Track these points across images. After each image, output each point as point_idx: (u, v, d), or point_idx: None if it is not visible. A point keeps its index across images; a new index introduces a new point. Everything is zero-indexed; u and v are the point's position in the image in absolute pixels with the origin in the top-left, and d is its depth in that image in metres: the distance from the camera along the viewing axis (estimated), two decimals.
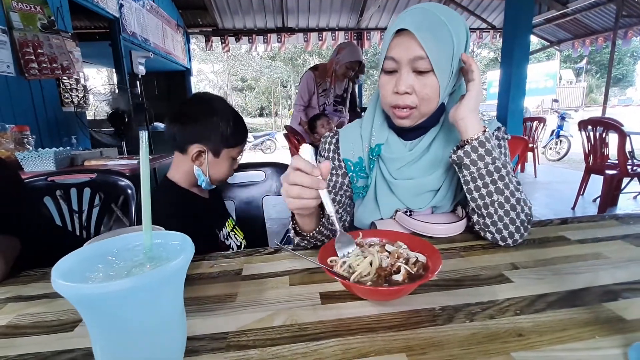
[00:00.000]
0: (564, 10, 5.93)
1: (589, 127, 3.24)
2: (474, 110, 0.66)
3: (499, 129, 0.80)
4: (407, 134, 0.80)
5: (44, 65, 2.45)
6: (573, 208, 3.47)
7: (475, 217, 0.71)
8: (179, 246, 0.32)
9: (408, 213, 0.83)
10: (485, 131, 0.66)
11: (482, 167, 0.66)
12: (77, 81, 2.81)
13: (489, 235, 0.70)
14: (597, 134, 3.14)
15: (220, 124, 0.89)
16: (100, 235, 0.51)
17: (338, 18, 6.25)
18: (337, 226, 0.58)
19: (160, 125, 4.09)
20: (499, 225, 0.67)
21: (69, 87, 2.72)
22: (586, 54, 7.16)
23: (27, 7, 2.40)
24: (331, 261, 0.58)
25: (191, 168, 0.92)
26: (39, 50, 2.43)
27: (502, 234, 0.68)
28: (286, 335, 0.46)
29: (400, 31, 0.68)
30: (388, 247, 0.58)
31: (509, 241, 0.68)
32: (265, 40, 6.27)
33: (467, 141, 0.66)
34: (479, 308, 0.50)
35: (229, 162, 0.95)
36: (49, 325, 0.50)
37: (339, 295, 0.55)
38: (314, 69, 2.76)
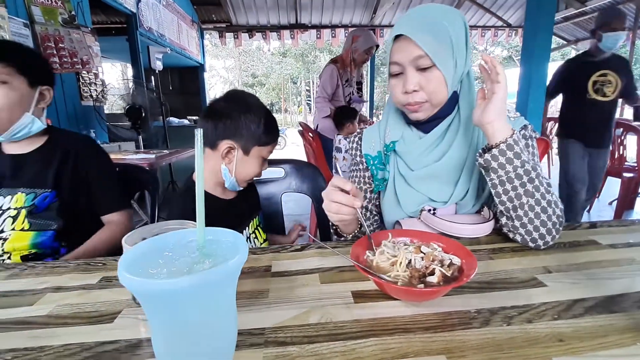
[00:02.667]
0: (583, 9, 5.79)
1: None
2: (501, 113, 0.65)
3: (525, 127, 0.79)
4: (425, 126, 0.82)
5: (65, 59, 2.49)
6: (589, 211, 3.41)
7: (504, 220, 0.70)
8: (231, 243, 0.33)
9: (432, 212, 0.83)
10: (513, 134, 0.65)
11: (511, 171, 0.65)
12: (96, 75, 2.85)
13: (518, 237, 0.69)
14: (616, 135, 3.07)
15: (252, 121, 0.88)
16: (134, 230, 0.52)
17: (351, 15, 6.21)
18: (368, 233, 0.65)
19: (175, 120, 4.14)
20: (528, 228, 0.66)
21: (88, 82, 2.76)
22: None
23: (48, 1, 2.44)
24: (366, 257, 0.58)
25: (218, 166, 0.91)
26: (60, 45, 2.47)
27: (532, 235, 0.67)
28: (323, 333, 0.46)
29: (398, 36, 0.72)
30: (423, 248, 0.58)
31: (540, 243, 0.67)
32: (279, 37, 6.26)
33: (494, 145, 0.66)
34: (515, 312, 0.49)
35: (258, 162, 0.92)
36: (89, 316, 0.52)
37: (372, 294, 0.55)
38: (334, 61, 2.78)
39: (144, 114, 2.72)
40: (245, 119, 0.87)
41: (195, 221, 0.36)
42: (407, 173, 0.83)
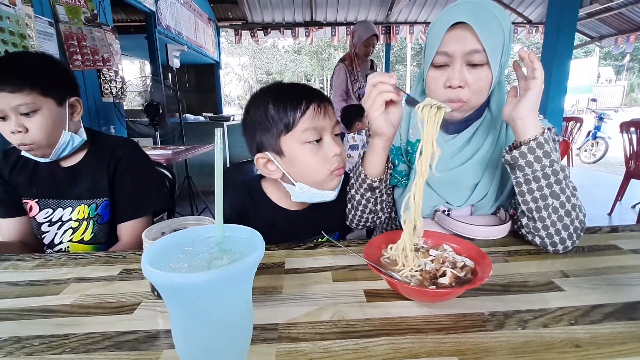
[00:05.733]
0: (609, 4, 5.57)
1: (632, 128, 3.07)
2: (533, 110, 0.64)
3: (549, 129, 0.77)
4: (451, 127, 0.79)
5: (87, 57, 2.56)
6: (610, 214, 3.30)
7: (524, 220, 0.69)
8: (248, 240, 0.34)
9: (447, 213, 0.82)
10: (544, 132, 0.64)
11: (538, 170, 0.64)
12: (116, 73, 2.91)
13: (537, 240, 0.68)
14: None
15: (258, 115, 0.70)
16: (154, 224, 0.53)
17: (367, 12, 6.16)
18: None
19: (191, 117, 4.20)
20: (550, 230, 0.65)
21: (108, 79, 2.83)
22: (629, 50, 6.72)
23: (72, 0, 2.51)
24: (383, 256, 0.59)
25: (279, 183, 0.77)
26: (83, 43, 2.54)
27: (552, 239, 0.65)
28: (335, 330, 0.47)
29: (453, 25, 0.67)
30: (432, 252, 0.58)
31: (559, 247, 0.66)
32: (294, 34, 6.27)
33: (523, 142, 0.64)
34: (530, 315, 0.49)
35: (306, 151, 0.69)
36: (110, 306, 0.54)
37: (384, 293, 0.55)
38: (343, 60, 2.90)
39: (161, 111, 2.77)
40: (253, 118, 0.72)
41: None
42: (430, 176, 0.81)
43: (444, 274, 0.53)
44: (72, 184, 0.94)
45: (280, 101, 0.69)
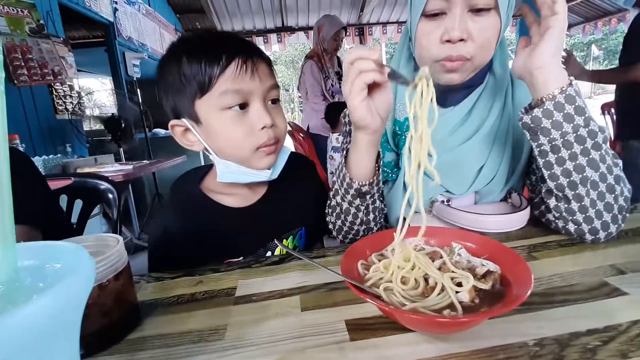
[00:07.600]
0: None
1: (613, 109, 3.03)
2: (556, 55, 0.48)
3: None
4: (447, 97, 0.63)
5: (34, 71, 2.33)
6: None
7: (552, 202, 0.53)
8: (68, 270, 0.16)
9: (446, 203, 0.66)
10: (571, 83, 0.48)
11: (570, 132, 0.47)
12: (71, 88, 2.68)
13: (571, 227, 0.51)
14: None
15: (171, 71, 0.56)
16: None
17: (338, 14, 6.09)
18: None
19: (161, 132, 3.97)
20: (589, 213, 0.49)
21: (62, 94, 2.59)
22: (599, 36, 6.88)
23: (14, 10, 2.29)
24: (362, 264, 0.41)
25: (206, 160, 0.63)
26: (28, 56, 2.31)
27: (592, 224, 0.49)
28: None
29: None
30: (436, 263, 0.40)
31: (601, 235, 0.50)
32: (266, 41, 6.13)
33: (546, 97, 0.48)
34: (596, 340, 0.32)
35: (226, 119, 0.55)
36: None
37: (374, 323, 0.38)
38: (310, 57, 2.71)
39: (123, 125, 2.55)
40: (165, 74, 0.57)
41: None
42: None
43: (459, 285, 0.36)
44: None
45: (195, 55, 0.54)
